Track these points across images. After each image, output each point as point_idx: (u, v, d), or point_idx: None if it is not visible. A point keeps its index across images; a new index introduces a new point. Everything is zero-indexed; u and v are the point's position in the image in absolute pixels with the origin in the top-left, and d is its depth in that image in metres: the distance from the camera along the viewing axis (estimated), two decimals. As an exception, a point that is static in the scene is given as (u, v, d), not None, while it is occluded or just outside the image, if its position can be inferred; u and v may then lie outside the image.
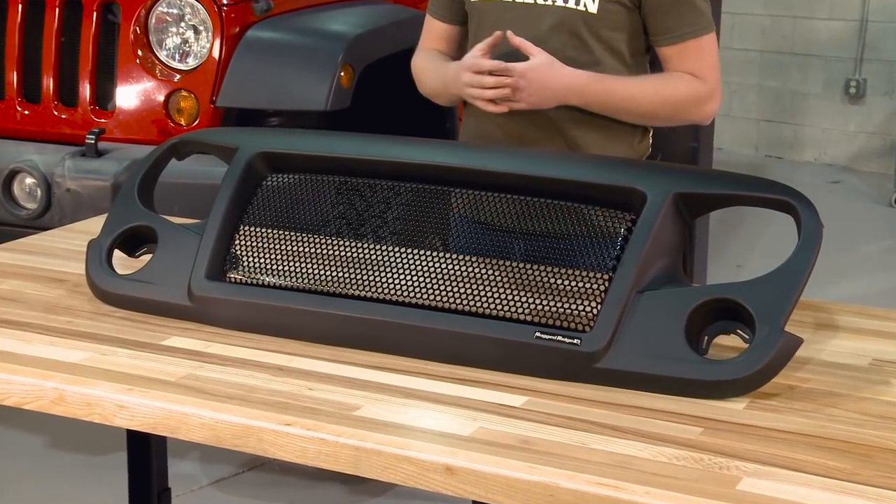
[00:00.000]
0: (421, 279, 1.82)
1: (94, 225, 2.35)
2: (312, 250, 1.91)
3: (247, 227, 1.97)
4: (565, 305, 1.73)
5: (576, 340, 1.70)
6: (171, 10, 3.54)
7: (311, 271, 1.89)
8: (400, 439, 1.53)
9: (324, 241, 1.92)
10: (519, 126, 2.26)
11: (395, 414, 1.61)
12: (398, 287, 1.82)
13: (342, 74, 3.46)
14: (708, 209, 1.89)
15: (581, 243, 1.78)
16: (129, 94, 3.53)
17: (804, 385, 1.71)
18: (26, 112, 3.62)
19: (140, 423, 1.66)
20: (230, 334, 1.88)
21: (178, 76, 3.52)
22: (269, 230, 1.95)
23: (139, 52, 3.53)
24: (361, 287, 1.85)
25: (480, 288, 1.79)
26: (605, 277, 1.73)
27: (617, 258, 1.74)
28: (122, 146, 3.45)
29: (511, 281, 1.78)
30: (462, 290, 1.79)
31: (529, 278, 1.78)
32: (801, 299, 1.69)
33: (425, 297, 1.80)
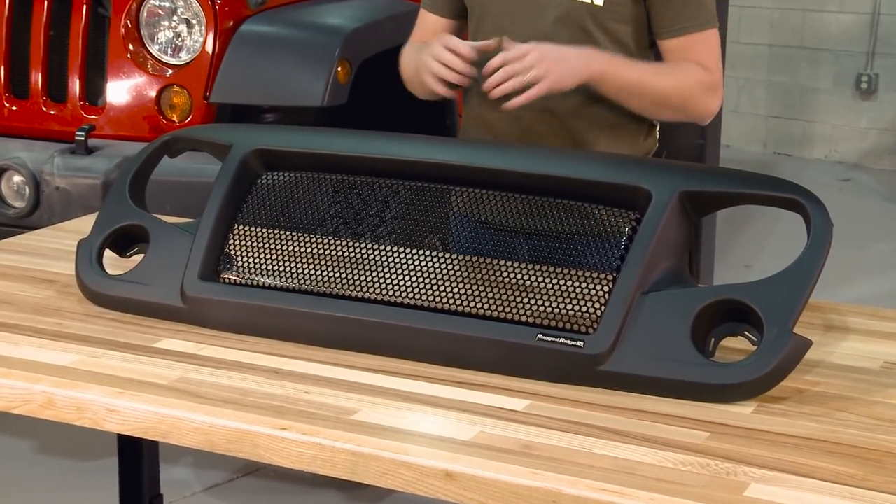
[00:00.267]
0: (420, 280, 1.82)
1: (84, 224, 2.35)
2: (308, 250, 1.91)
3: (241, 227, 1.97)
4: (568, 307, 1.74)
5: (579, 343, 1.70)
6: (162, 4, 3.54)
7: (307, 272, 1.89)
8: (398, 444, 1.53)
9: (320, 240, 1.92)
10: (523, 122, 2.26)
11: (394, 418, 1.61)
12: (396, 288, 1.83)
13: (339, 69, 3.46)
14: (715, 208, 1.89)
15: (584, 243, 1.78)
16: (120, 90, 3.53)
17: (813, 388, 1.71)
18: (14, 108, 3.62)
19: (131, 428, 1.66)
20: (224, 336, 1.89)
21: (170, 71, 3.52)
22: (264, 229, 1.95)
23: (130, 47, 3.53)
24: (359, 288, 1.85)
25: (481, 289, 1.79)
26: (609, 278, 1.74)
27: (621, 258, 1.74)
28: (112, 143, 3.45)
29: (512, 281, 1.78)
30: (462, 291, 1.79)
31: (531, 279, 1.78)
32: (810, 300, 1.69)
33: (424, 298, 1.81)
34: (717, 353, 1.70)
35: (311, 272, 1.89)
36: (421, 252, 1.85)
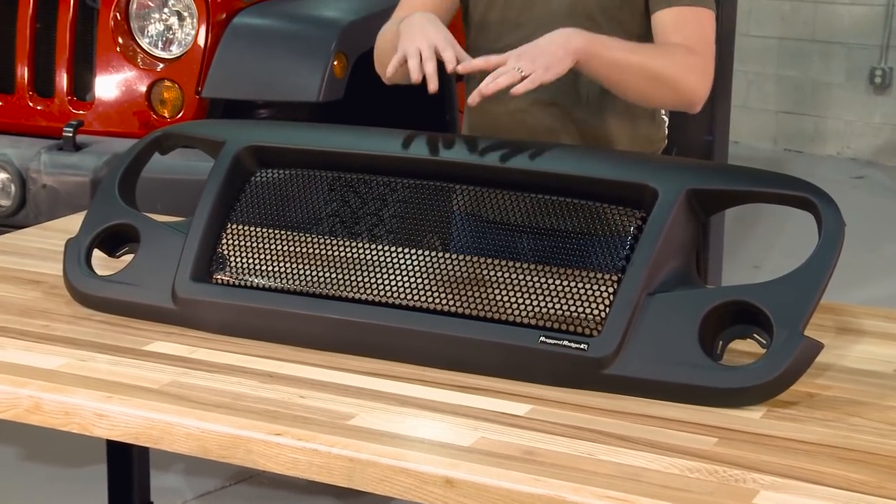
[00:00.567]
0: (419, 280, 1.82)
1: (72, 223, 2.35)
2: (304, 250, 1.92)
3: (234, 226, 1.97)
4: (572, 308, 1.74)
5: (583, 345, 1.70)
6: (153, -5, 3.55)
7: (302, 272, 1.89)
8: (397, 450, 1.53)
9: (316, 240, 1.92)
10: (529, 118, 2.26)
11: (392, 423, 1.61)
12: (395, 289, 1.83)
13: (335, 63, 3.47)
14: (723, 206, 1.89)
15: (589, 242, 1.78)
16: (109, 85, 3.53)
17: (825, 393, 1.71)
18: (-1, 103, 3.63)
19: (121, 434, 1.66)
20: (217, 339, 1.89)
21: (161, 65, 3.52)
22: (258, 229, 1.96)
23: (120, 40, 3.53)
24: (356, 289, 1.85)
25: (481, 290, 1.79)
26: (614, 278, 1.74)
27: (626, 258, 1.74)
28: (101, 139, 3.46)
29: (514, 282, 1.79)
30: (462, 292, 1.80)
31: (533, 279, 1.78)
32: (821, 302, 1.69)
33: (423, 299, 1.81)
34: (725, 356, 1.71)
35: (307, 273, 1.89)
36: (420, 252, 1.85)
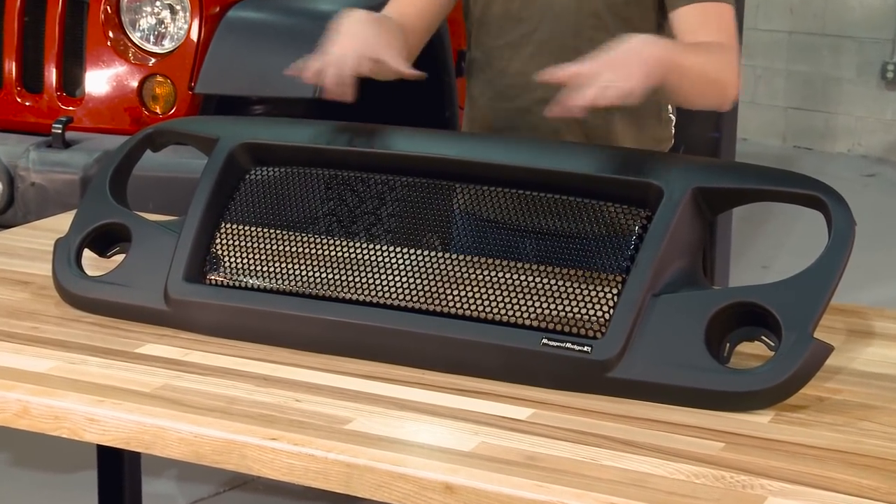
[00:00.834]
0: (418, 281, 1.82)
1: (61, 222, 2.35)
2: (300, 250, 1.92)
3: (228, 225, 1.97)
4: (575, 309, 1.74)
5: (586, 348, 1.71)
6: (145, -12, 3.55)
7: (298, 273, 1.90)
8: (395, 455, 1.54)
9: (312, 240, 1.92)
10: (531, 117, 2.26)
11: (390, 428, 1.61)
12: (393, 290, 1.83)
13: (332, 58, 3.46)
14: (730, 205, 1.89)
15: (592, 242, 1.79)
16: (100, 80, 3.53)
17: (835, 396, 1.72)
18: (-13, 99, 3.63)
19: (112, 438, 1.66)
20: (210, 341, 1.89)
21: (152, 60, 3.52)
22: (253, 228, 1.96)
23: (110, 34, 3.53)
24: (353, 290, 1.86)
25: (482, 291, 1.79)
26: (618, 279, 1.74)
27: (631, 258, 1.75)
28: (91, 136, 3.46)
29: (516, 283, 1.79)
30: (463, 294, 1.80)
31: (535, 280, 1.78)
32: (831, 303, 1.69)
33: (423, 300, 1.81)
34: (732, 359, 1.71)
35: (303, 273, 1.89)
36: (419, 252, 1.85)
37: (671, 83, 2.01)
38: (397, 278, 1.84)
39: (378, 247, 1.89)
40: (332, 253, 1.90)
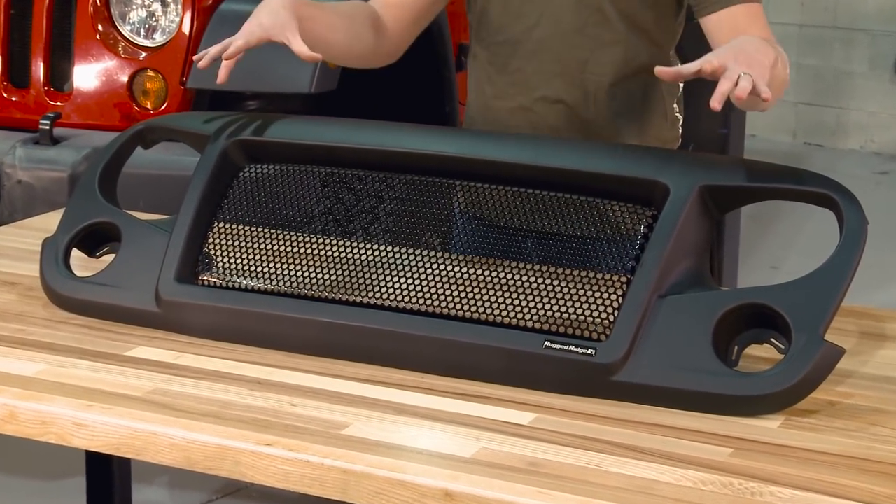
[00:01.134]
0: (417, 282, 1.83)
1: (49, 221, 2.35)
2: (295, 250, 1.92)
3: (221, 224, 1.98)
4: (578, 311, 1.74)
5: (590, 351, 1.71)
6: (135, -20, 3.55)
7: (293, 273, 1.90)
8: (393, 461, 1.54)
9: (308, 239, 1.93)
10: (533, 114, 2.25)
11: (388, 433, 1.62)
12: (392, 291, 1.83)
13: (328, 52, 3.46)
14: (738, 204, 1.90)
15: (596, 242, 1.79)
16: (89, 75, 3.53)
17: (847, 401, 1.72)
18: (-28, 94, 3.63)
19: (101, 444, 1.66)
20: (203, 344, 1.89)
21: (143, 54, 3.52)
22: (247, 227, 1.96)
23: (99, 27, 3.53)
24: (350, 291, 1.86)
25: (483, 292, 1.80)
26: (623, 280, 1.74)
27: (636, 258, 1.75)
28: (80, 133, 3.46)
29: (517, 284, 1.79)
30: (463, 295, 1.80)
31: (538, 281, 1.79)
32: (843, 305, 1.69)
33: (422, 302, 1.81)
34: (740, 362, 1.71)
35: (298, 274, 1.89)
36: (418, 252, 1.85)
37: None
38: (396, 279, 1.84)
39: (376, 247, 1.89)
40: (329, 253, 1.90)
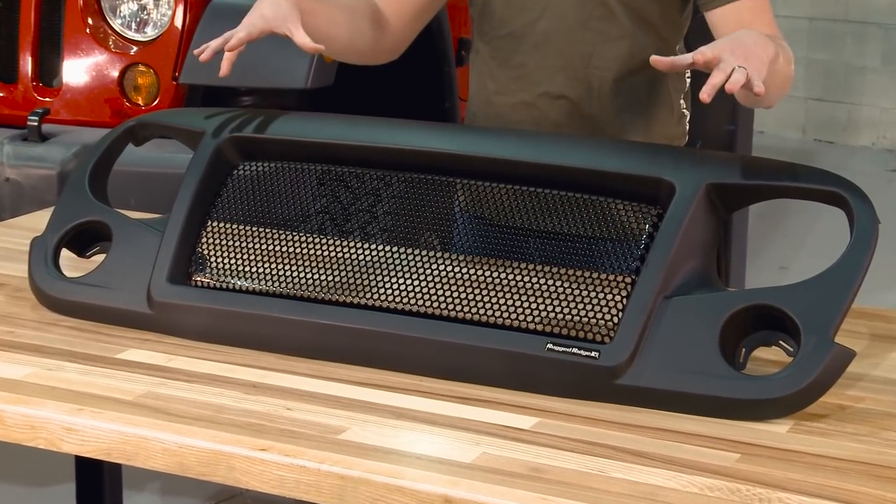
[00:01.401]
0: (415, 283, 1.83)
1: (37, 220, 2.36)
2: (291, 250, 1.92)
3: (215, 223, 1.98)
4: (581, 313, 1.74)
5: (593, 353, 1.71)
6: (126, -28, 3.55)
7: (289, 274, 1.90)
8: (392, 467, 1.54)
9: (304, 239, 1.93)
10: (535, 111, 2.25)
11: (386, 437, 1.62)
12: (390, 292, 1.84)
13: (324, 47, 3.47)
14: (746, 202, 1.90)
15: (600, 241, 1.79)
16: (78, 70, 3.53)
17: (857, 405, 1.72)
18: (-42, 90, 3.64)
19: (91, 449, 1.67)
20: (196, 346, 1.89)
21: (134, 48, 3.52)
22: (241, 226, 1.96)
23: (89, 21, 3.54)
24: (347, 292, 1.86)
25: (484, 293, 1.80)
26: (627, 281, 1.74)
27: (641, 258, 1.75)
28: (69, 129, 3.46)
29: (519, 285, 1.79)
30: (463, 296, 1.80)
31: (540, 282, 1.79)
32: (853, 306, 1.70)
33: (421, 303, 1.81)
34: (748, 365, 1.71)
35: (294, 274, 1.90)
36: (417, 252, 1.85)
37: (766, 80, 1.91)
38: (394, 280, 1.84)
39: (374, 247, 1.89)
40: (325, 253, 1.91)
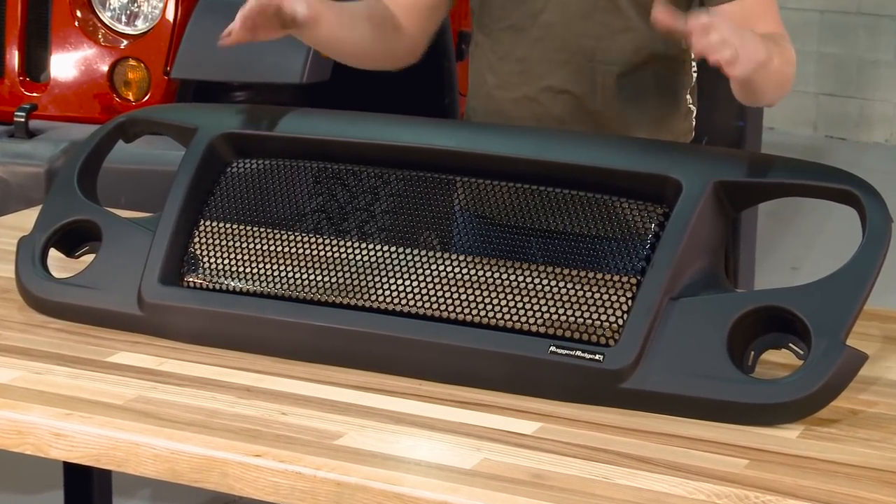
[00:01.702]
0: (415, 284, 1.83)
1: (25, 219, 2.36)
2: (286, 250, 1.92)
3: (208, 223, 1.98)
4: (585, 315, 1.75)
5: (598, 356, 1.71)
6: (116, -37, 3.55)
7: (284, 274, 1.90)
8: (390, 473, 1.54)
9: (299, 238, 1.93)
10: (538, 106, 2.25)
11: (384, 443, 1.62)
12: (388, 293, 1.84)
13: (320, 40, 3.47)
14: (755, 201, 1.90)
15: (604, 241, 1.79)
16: (67, 64, 3.54)
17: (870, 409, 1.72)
18: (-57, 85, 3.64)
19: (80, 455, 1.67)
20: (188, 349, 1.89)
21: (124, 42, 3.53)
22: (235, 226, 1.96)
23: (78, 14, 3.54)
24: (344, 293, 1.86)
25: (485, 294, 1.80)
26: (633, 281, 1.75)
27: (646, 259, 1.75)
28: (57, 125, 3.46)
29: (521, 286, 1.80)
30: (463, 297, 1.80)
31: (543, 283, 1.79)
32: (865, 308, 1.70)
33: (420, 304, 1.82)
34: (757, 369, 1.71)
35: (289, 275, 1.90)
36: (416, 252, 1.86)
37: (759, 78, 1.98)
38: (392, 280, 1.84)
39: (371, 246, 1.89)
40: (322, 253, 1.91)
